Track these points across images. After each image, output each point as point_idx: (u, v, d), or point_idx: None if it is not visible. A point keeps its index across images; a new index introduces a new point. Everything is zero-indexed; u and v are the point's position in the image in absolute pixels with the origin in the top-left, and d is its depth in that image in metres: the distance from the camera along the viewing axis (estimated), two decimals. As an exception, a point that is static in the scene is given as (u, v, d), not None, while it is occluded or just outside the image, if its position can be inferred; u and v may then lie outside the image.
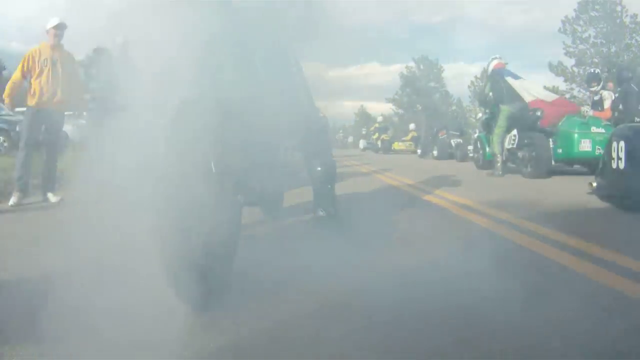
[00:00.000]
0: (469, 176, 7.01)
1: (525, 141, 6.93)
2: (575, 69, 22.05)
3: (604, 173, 4.19)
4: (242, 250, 2.11)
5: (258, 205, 2.14)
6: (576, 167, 7.36)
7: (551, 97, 7.73)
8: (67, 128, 13.15)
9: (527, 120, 7.00)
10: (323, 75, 2.93)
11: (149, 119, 1.91)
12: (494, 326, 1.48)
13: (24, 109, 4.82)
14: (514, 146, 7.17)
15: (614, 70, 20.33)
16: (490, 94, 7.58)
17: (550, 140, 6.95)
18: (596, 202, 3.94)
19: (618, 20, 20.95)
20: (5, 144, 10.15)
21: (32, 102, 4.63)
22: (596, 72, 8.85)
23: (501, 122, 7.33)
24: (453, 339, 1.40)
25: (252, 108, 2.12)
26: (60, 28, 4.70)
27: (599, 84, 7.87)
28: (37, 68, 4.61)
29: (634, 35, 20.94)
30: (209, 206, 1.69)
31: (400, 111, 38.79)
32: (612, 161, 4.01)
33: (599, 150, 6.23)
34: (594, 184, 4.23)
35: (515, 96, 7.27)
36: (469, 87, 35.87)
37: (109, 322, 1.54)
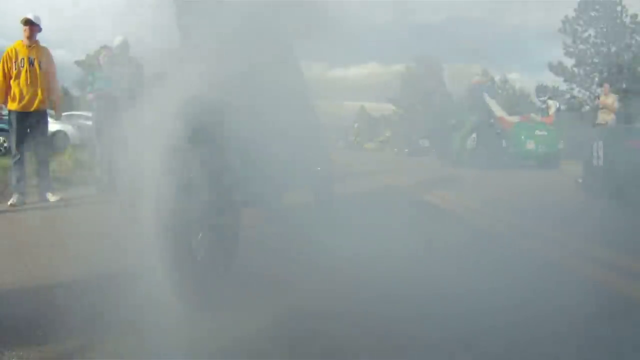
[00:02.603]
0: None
1: (483, 142, 8.84)
2: (575, 69, 22.02)
3: (587, 170, 4.85)
4: (241, 249, 2.12)
5: (257, 206, 2.13)
6: (525, 162, 9.19)
7: (515, 118, 9.66)
8: (67, 128, 13.22)
9: (486, 128, 9.04)
10: (323, 76, 2.92)
11: (152, 119, 1.90)
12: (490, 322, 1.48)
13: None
14: (474, 146, 9.02)
15: (614, 70, 20.42)
16: (466, 104, 9.70)
17: (503, 141, 8.90)
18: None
19: (618, 20, 20.93)
20: (5, 144, 10.14)
21: (13, 106, 4.54)
22: (544, 85, 11.27)
23: (466, 128, 9.24)
24: (450, 338, 1.40)
25: (251, 108, 2.12)
26: (31, 23, 4.57)
27: (545, 95, 10.79)
28: (14, 69, 4.52)
29: (634, 35, 20.91)
30: (210, 206, 1.69)
31: (401, 111, 38.72)
32: (593, 159, 4.70)
33: (542, 148, 8.61)
34: (580, 180, 5.00)
35: (485, 109, 9.25)
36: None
37: (109, 322, 1.54)
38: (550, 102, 10.06)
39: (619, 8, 21.03)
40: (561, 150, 8.85)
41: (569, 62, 22.16)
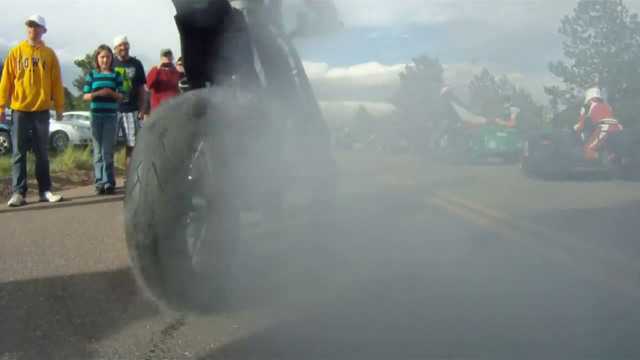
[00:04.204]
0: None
1: (453, 142, 10.88)
2: (575, 69, 22.02)
3: (522, 160, 7.84)
4: (242, 251, 2.11)
5: (257, 211, 2.10)
6: (489, 159, 11.25)
7: (480, 120, 11.42)
8: (67, 128, 13.23)
9: (455, 130, 11.00)
10: (323, 76, 2.91)
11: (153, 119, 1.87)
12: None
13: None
14: (446, 145, 11.07)
15: (614, 70, 20.41)
16: (438, 110, 11.93)
17: (470, 141, 10.76)
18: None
19: (618, 20, 20.92)
20: (5, 144, 10.15)
21: (16, 105, 4.53)
22: (507, 94, 14.44)
23: (439, 130, 11.41)
24: (451, 339, 1.40)
25: (252, 109, 2.10)
26: (35, 25, 4.59)
27: (508, 102, 12.43)
28: (18, 69, 4.52)
29: (634, 35, 20.91)
30: (207, 212, 1.66)
31: (401, 111, 38.79)
32: (524, 152, 7.68)
33: (502, 147, 10.59)
34: (520, 167, 7.88)
35: (453, 114, 11.10)
36: (469, 87, 36.08)
37: (110, 322, 1.54)
38: (512, 108, 12.25)
39: (619, 8, 21.03)
40: (521, 149, 10.19)
41: (569, 62, 22.18)
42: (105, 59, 5.45)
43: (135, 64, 6.22)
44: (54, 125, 11.68)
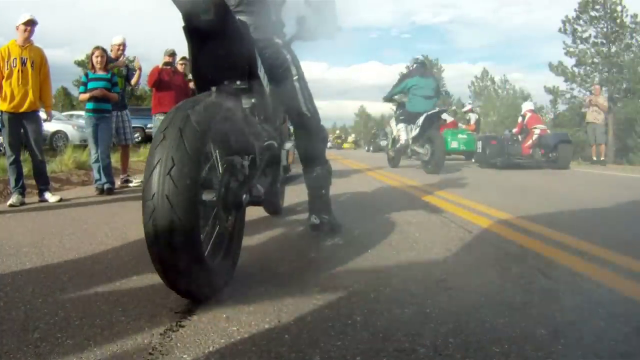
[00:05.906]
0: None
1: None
2: (575, 69, 22.02)
3: (475, 156, 10.52)
4: (243, 247, 2.11)
5: (260, 205, 2.16)
6: (452, 156, 13.38)
7: (449, 118, 13.41)
8: (67, 128, 13.20)
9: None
10: (324, 75, 2.92)
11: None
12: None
13: None
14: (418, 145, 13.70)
15: (614, 70, 20.38)
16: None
17: None
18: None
19: (618, 20, 20.92)
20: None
21: (4, 106, 4.50)
22: (468, 104, 16.90)
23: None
24: (452, 340, 1.39)
25: (253, 108, 2.15)
26: (30, 24, 4.56)
27: (470, 111, 15.13)
28: (6, 69, 4.49)
29: (634, 35, 20.91)
30: (212, 205, 1.72)
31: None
32: (478, 149, 10.15)
33: (462, 147, 12.67)
34: (473, 160, 10.55)
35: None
36: (469, 87, 36.20)
37: (108, 324, 1.54)
38: (471, 114, 14.67)
39: (619, 8, 21.02)
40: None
41: (569, 62, 22.18)
42: (100, 59, 5.45)
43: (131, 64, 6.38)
44: (54, 125, 11.70)
